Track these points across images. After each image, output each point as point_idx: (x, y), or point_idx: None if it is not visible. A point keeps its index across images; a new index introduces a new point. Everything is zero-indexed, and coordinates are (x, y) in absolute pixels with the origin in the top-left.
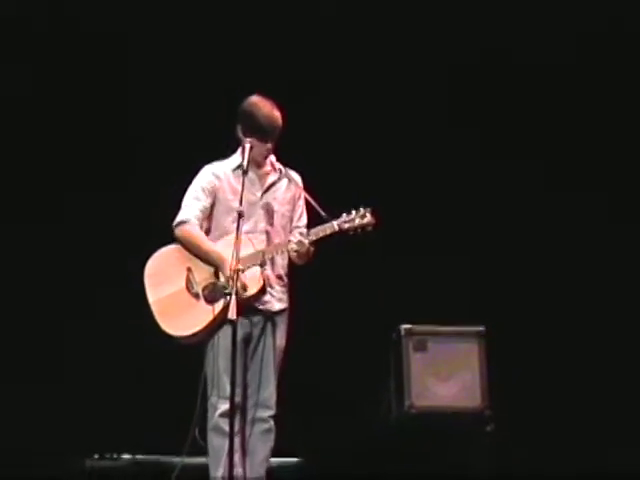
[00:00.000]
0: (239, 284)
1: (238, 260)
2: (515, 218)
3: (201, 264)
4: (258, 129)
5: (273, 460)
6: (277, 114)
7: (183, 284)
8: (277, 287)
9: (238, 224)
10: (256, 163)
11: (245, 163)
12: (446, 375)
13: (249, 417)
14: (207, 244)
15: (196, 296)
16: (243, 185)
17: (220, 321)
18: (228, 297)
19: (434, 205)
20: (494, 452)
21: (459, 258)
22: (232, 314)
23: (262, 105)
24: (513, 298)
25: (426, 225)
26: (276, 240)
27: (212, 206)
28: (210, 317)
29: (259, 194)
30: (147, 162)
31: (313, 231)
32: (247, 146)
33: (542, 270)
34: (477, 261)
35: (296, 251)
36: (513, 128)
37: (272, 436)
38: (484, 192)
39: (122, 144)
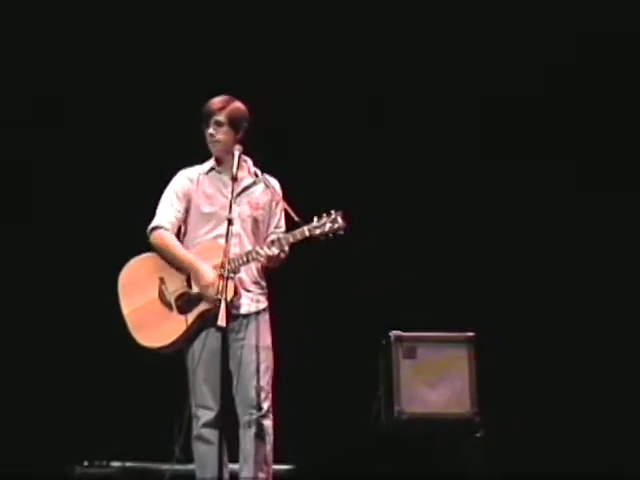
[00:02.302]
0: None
1: (222, 265)
2: (505, 222)
3: (173, 274)
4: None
5: None
6: (216, 100)
7: (156, 294)
8: (253, 289)
9: (227, 230)
10: (222, 162)
11: (234, 170)
12: (436, 381)
13: (242, 421)
14: (180, 251)
15: (169, 306)
16: (233, 191)
17: (194, 331)
18: (218, 303)
19: (424, 208)
20: (484, 458)
21: (449, 263)
22: (222, 321)
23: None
24: (502, 303)
25: (416, 229)
26: (248, 244)
27: (187, 210)
28: (183, 327)
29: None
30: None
31: (284, 237)
32: (236, 153)
33: (532, 275)
34: (467, 266)
35: (267, 258)
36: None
37: (268, 438)
38: (476, 196)
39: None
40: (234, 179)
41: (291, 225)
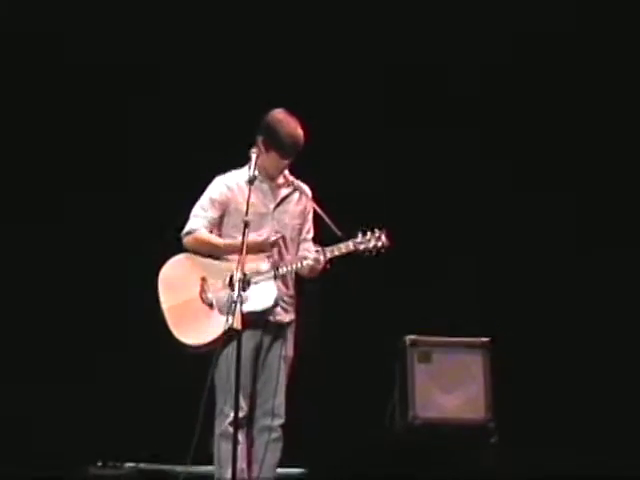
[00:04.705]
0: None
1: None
2: (521, 228)
3: (216, 274)
4: (280, 146)
5: (277, 470)
6: (300, 133)
7: (197, 293)
8: (286, 299)
9: (244, 233)
10: (269, 176)
11: (251, 172)
12: (450, 386)
13: (258, 425)
14: (221, 240)
15: (210, 306)
16: (249, 195)
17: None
18: (233, 305)
19: (439, 213)
20: (498, 464)
21: (464, 268)
22: (237, 324)
23: (286, 122)
24: (518, 308)
25: (432, 234)
26: (286, 252)
27: (222, 218)
28: (223, 328)
29: (272, 206)
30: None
31: (329, 249)
32: (253, 156)
33: (548, 281)
34: (483, 271)
35: (312, 266)
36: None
37: (280, 445)
38: (490, 201)
39: (125, 147)
40: (251, 181)
41: (325, 233)
